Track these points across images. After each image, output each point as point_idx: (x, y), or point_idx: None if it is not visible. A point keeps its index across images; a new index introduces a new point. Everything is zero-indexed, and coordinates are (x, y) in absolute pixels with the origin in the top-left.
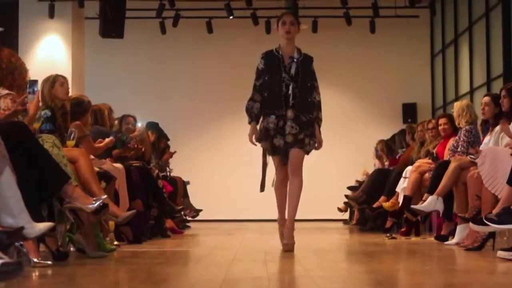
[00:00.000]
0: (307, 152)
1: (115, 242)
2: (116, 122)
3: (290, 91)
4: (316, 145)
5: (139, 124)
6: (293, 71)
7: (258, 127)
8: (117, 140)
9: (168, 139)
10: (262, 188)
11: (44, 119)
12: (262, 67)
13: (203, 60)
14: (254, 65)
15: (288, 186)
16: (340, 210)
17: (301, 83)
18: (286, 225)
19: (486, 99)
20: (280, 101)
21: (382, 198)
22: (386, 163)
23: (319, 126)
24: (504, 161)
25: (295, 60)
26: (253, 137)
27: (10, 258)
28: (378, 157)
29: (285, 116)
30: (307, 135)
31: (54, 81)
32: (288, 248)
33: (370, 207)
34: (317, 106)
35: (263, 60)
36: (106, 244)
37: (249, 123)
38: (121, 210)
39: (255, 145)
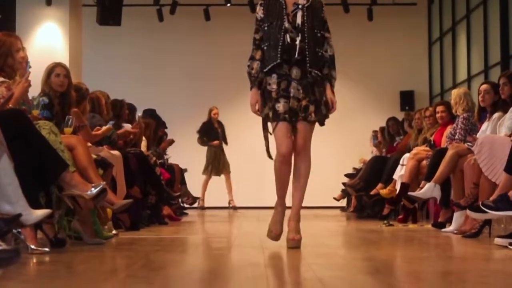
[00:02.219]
0: (320, 122)
1: (113, 231)
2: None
3: (297, 43)
4: (326, 112)
5: (139, 114)
6: (299, 19)
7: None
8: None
9: (166, 127)
10: (268, 154)
11: (41, 106)
12: (261, 16)
13: (201, 47)
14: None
15: (292, 169)
16: (336, 199)
17: (309, 34)
18: (291, 216)
19: (486, 86)
20: (276, 53)
21: (380, 185)
22: (384, 151)
23: (332, 85)
24: (502, 148)
25: (300, 6)
26: (256, 106)
27: (8, 245)
28: (376, 144)
29: (289, 76)
30: (312, 101)
31: (51, 71)
32: (293, 245)
33: (367, 194)
34: (330, 61)
35: (262, 7)
36: (104, 231)
37: (251, 89)
38: (118, 198)
39: (260, 115)
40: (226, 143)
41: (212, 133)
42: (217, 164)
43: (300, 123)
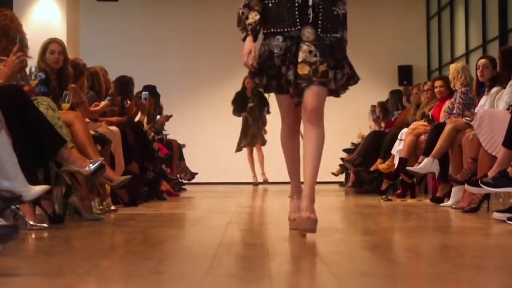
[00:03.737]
0: (335, 93)
1: (112, 207)
2: (112, 84)
3: (310, 2)
4: (346, 82)
5: (144, 95)
6: None
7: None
8: None
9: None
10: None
11: (38, 82)
12: None
13: (199, 21)
14: None
15: (304, 140)
16: (334, 174)
17: None
18: (304, 194)
19: (484, 61)
20: (293, 14)
21: (379, 161)
22: (383, 125)
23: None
24: (502, 122)
25: None
26: (250, 56)
27: (6, 221)
28: (375, 119)
29: (299, 37)
30: (331, 66)
31: (46, 48)
32: (308, 225)
33: (366, 169)
34: (342, 22)
35: None
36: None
37: (243, 39)
38: (117, 174)
39: (253, 68)
40: (262, 112)
41: (243, 103)
42: (249, 135)
43: (313, 87)
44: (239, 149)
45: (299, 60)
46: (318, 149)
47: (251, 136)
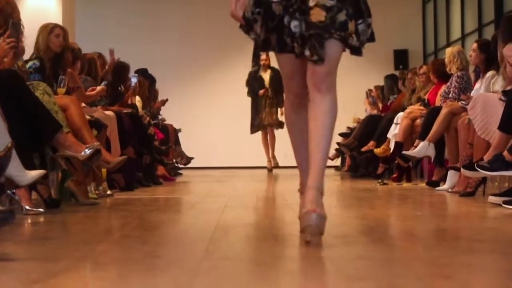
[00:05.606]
0: (357, 51)
1: (108, 192)
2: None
3: None
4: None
5: (134, 79)
6: None
7: None
8: None
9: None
10: (252, 129)
11: (32, 70)
12: None
13: (194, 5)
14: None
15: (310, 113)
16: (330, 159)
17: None
18: (310, 184)
19: (473, 45)
20: None
21: (371, 143)
22: (380, 106)
23: None
24: (495, 106)
25: None
26: (238, 4)
27: (2, 206)
28: (373, 103)
29: None
30: (351, 15)
31: (51, 31)
32: (312, 222)
33: (358, 151)
34: None
35: None
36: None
37: None
38: (112, 158)
39: (242, 22)
40: (274, 92)
41: (258, 83)
42: (259, 117)
43: (329, 41)
44: (253, 130)
45: (311, 3)
46: (328, 124)
47: (261, 119)
